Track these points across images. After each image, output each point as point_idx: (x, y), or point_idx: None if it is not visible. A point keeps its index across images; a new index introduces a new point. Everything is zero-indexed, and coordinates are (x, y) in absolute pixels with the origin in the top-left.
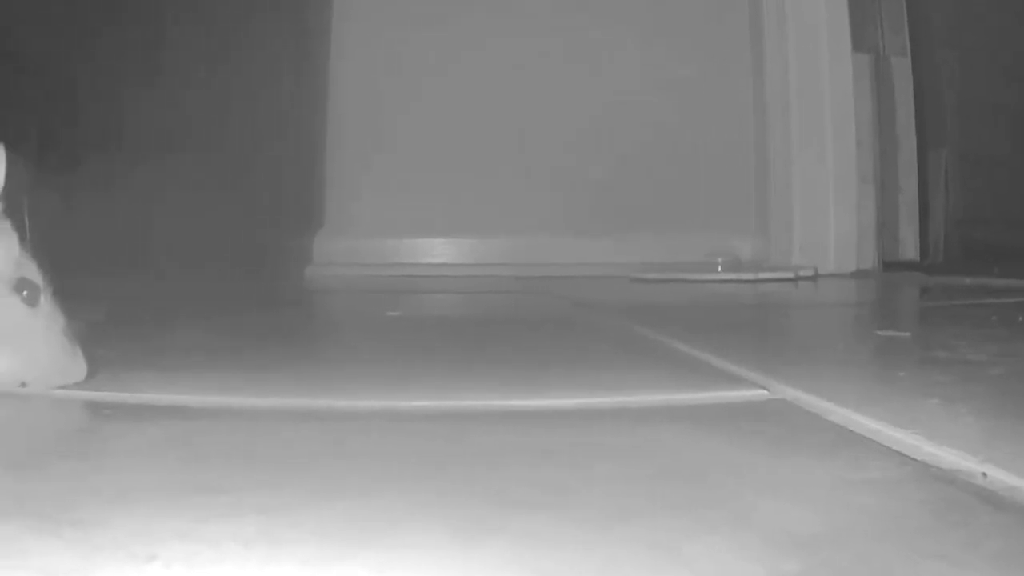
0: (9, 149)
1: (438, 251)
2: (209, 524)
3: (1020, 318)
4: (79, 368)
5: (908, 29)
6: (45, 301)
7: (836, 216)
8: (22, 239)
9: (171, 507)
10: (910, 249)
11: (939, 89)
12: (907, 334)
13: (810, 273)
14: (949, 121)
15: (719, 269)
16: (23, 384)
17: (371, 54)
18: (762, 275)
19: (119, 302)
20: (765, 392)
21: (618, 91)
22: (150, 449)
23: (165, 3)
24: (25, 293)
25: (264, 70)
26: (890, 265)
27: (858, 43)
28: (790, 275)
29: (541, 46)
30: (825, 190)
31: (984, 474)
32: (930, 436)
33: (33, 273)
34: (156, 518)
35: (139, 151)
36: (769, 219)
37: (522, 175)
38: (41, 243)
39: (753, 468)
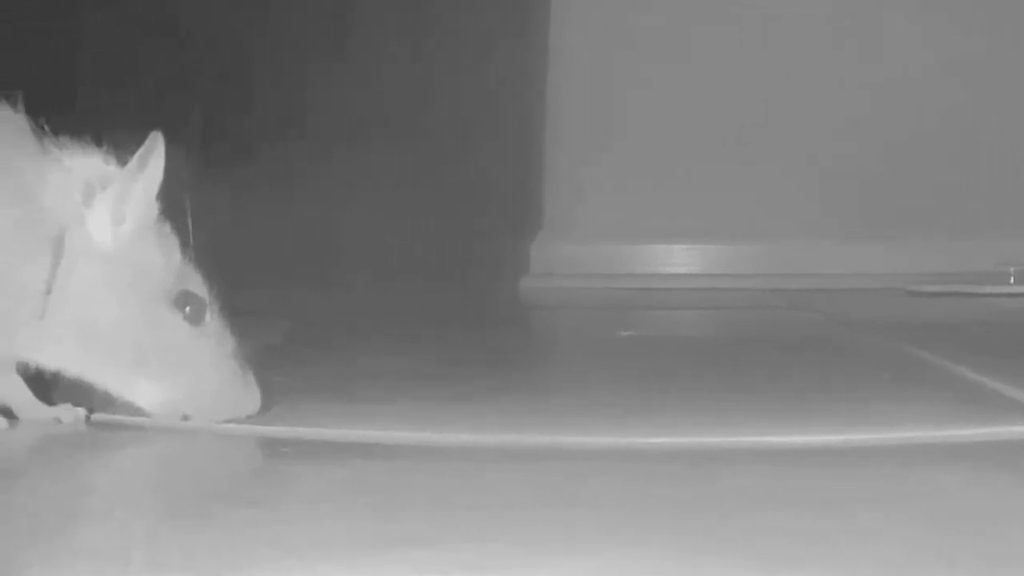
0: (169, 138)
1: (678, 259)
2: None
3: None
4: (252, 399)
5: None
6: (212, 319)
7: None
8: (184, 245)
9: (361, 563)
10: None
11: None
12: None
13: None
14: None
15: (1011, 280)
16: (186, 417)
17: (599, 26)
18: None
19: (299, 320)
20: None
21: (892, 70)
22: (336, 494)
23: None
24: (188, 309)
25: (472, 45)
26: None
27: None
28: None
29: (801, 17)
30: None
31: None
32: None
33: (198, 286)
34: None
35: (322, 140)
36: None
37: (778, 169)
38: (207, 250)
39: None
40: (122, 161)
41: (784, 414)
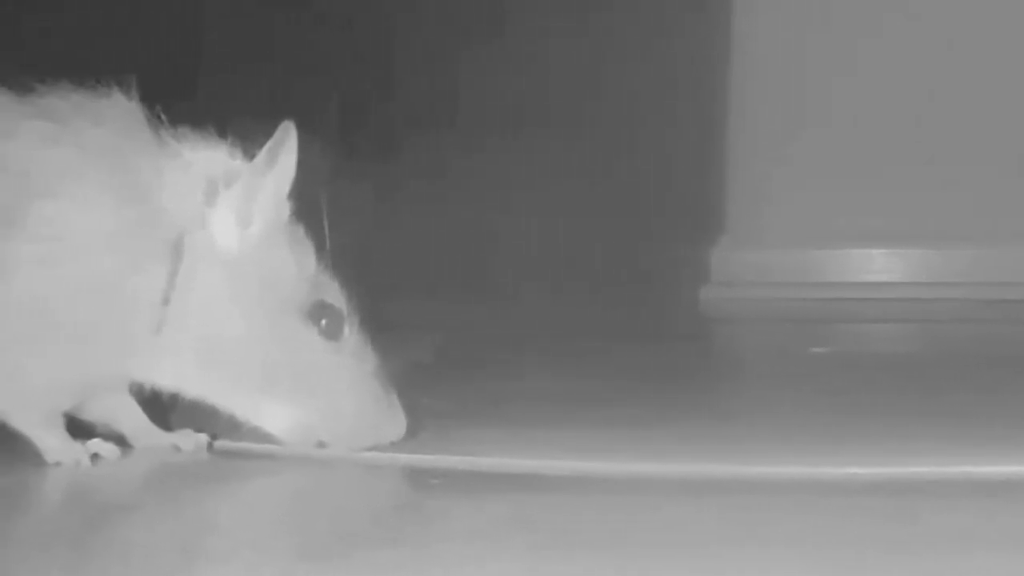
0: (303, 129)
1: (878, 265)
2: None
3: None
4: (396, 423)
5: None
6: (351, 334)
7: None
8: (320, 250)
9: None
10: None
11: None
12: None
13: None
14: None
15: None
16: (321, 444)
17: (786, 7)
18: None
19: (451, 334)
20: None
21: None
22: (491, 532)
23: None
24: (324, 323)
25: (647, 28)
26: None
27: None
28: None
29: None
30: None
31: None
32: None
33: (335, 296)
34: None
35: (477, 132)
36: None
37: (992, 166)
38: (346, 255)
39: None
40: (249, 155)
41: (998, 442)
